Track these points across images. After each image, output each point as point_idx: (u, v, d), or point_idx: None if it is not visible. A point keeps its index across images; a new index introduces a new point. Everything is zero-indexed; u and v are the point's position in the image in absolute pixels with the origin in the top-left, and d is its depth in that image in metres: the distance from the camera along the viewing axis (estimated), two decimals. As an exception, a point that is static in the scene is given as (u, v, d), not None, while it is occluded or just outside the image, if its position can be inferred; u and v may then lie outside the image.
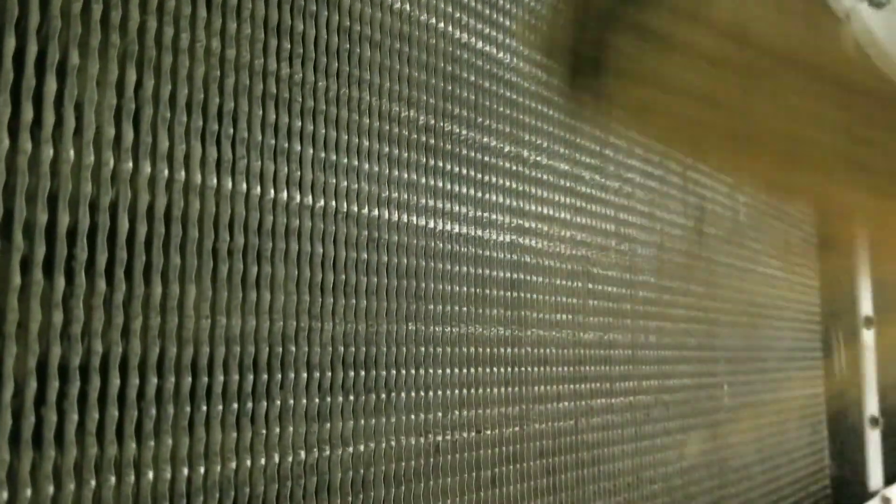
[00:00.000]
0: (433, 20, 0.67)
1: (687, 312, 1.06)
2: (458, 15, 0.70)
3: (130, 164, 0.44)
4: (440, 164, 0.66)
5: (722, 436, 1.13)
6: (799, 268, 1.50)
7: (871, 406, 1.62)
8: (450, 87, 0.68)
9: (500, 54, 0.75)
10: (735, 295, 1.21)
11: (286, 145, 0.53)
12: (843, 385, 1.60)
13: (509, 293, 0.73)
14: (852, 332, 1.59)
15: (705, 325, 1.11)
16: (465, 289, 0.68)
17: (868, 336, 1.62)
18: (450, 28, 0.69)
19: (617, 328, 0.90)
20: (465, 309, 0.67)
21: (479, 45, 0.72)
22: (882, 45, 1.85)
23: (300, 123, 0.54)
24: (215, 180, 0.48)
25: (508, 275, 0.73)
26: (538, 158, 0.79)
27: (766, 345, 1.32)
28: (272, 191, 0.52)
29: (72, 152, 0.42)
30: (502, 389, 0.71)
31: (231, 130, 0.50)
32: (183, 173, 0.47)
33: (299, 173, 0.54)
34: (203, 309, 0.47)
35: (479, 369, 0.68)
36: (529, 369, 0.75)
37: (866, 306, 1.63)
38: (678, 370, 1.03)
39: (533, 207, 0.77)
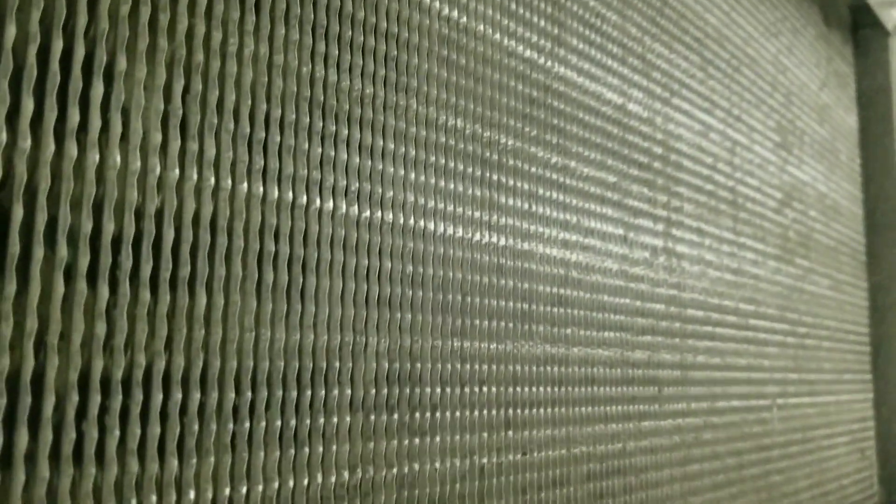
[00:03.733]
0: (481, 27, 0.65)
1: (737, 332, 1.03)
2: (506, 22, 0.68)
3: (177, 172, 0.43)
4: (486, 174, 0.64)
5: (772, 460, 1.09)
6: (847, 286, 1.45)
7: (924, 431, 1.56)
8: (497, 96, 0.66)
9: (549, 63, 0.73)
10: (784, 314, 1.17)
11: (332, 154, 0.52)
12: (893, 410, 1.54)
13: (555, 309, 0.71)
14: (904, 355, 1.54)
15: (755, 344, 1.07)
16: (510, 304, 0.65)
17: (920, 359, 1.56)
18: (497, 35, 0.67)
19: (666, 347, 0.87)
20: (510, 325, 0.65)
21: (528, 53, 0.70)
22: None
23: (347, 131, 0.53)
24: (261, 189, 0.47)
25: (555, 290, 0.71)
26: (586, 170, 0.77)
27: (816, 367, 1.27)
28: (318, 200, 0.50)
29: (118, 158, 0.40)
30: (548, 410, 0.68)
31: (278, 138, 0.48)
32: (229, 181, 0.45)
33: (345, 182, 0.52)
34: (247, 321, 0.45)
35: (525, 388, 0.66)
36: (575, 389, 0.72)
37: (918, 328, 1.57)
38: (728, 391, 0.99)
39: (580, 220, 0.75)
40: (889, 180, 1.59)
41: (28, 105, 0.37)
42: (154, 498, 0.40)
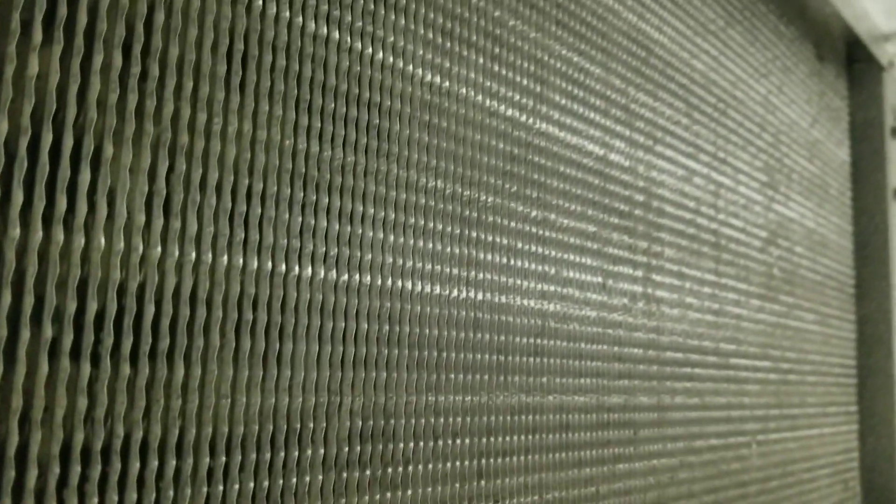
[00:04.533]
0: (463, 90, 0.68)
1: (716, 372, 1.05)
2: (488, 84, 0.71)
3: (159, 249, 0.45)
4: (465, 231, 0.67)
5: (750, 496, 1.11)
6: (834, 320, 1.47)
7: (908, 464, 1.57)
8: (478, 156, 0.69)
9: (531, 120, 0.75)
10: (767, 352, 1.20)
11: (312, 222, 0.54)
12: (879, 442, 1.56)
13: (532, 359, 0.73)
14: (888, 387, 1.56)
15: (735, 383, 1.10)
16: (486, 357, 0.68)
17: (906, 391, 1.58)
18: (479, 97, 0.70)
19: (643, 391, 0.89)
20: (485, 377, 0.68)
21: (509, 112, 0.73)
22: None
23: (327, 199, 0.55)
24: (241, 260, 0.50)
25: (531, 340, 0.73)
26: (566, 222, 0.79)
27: (798, 401, 1.29)
28: (297, 267, 0.53)
29: (102, 240, 0.43)
30: (521, 458, 0.71)
31: (259, 210, 0.51)
32: (210, 255, 0.48)
33: (324, 249, 0.55)
34: (223, 388, 0.48)
35: (499, 438, 0.68)
36: (550, 436, 0.75)
37: (905, 361, 1.59)
38: (706, 431, 1.01)
39: (558, 271, 0.77)
40: (880, 212, 1.61)
41: (18, 195, 0.40)
42: (129, 562, 0.42)
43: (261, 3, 0.52)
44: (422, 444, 0.61)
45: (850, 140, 1.63)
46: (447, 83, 0.66)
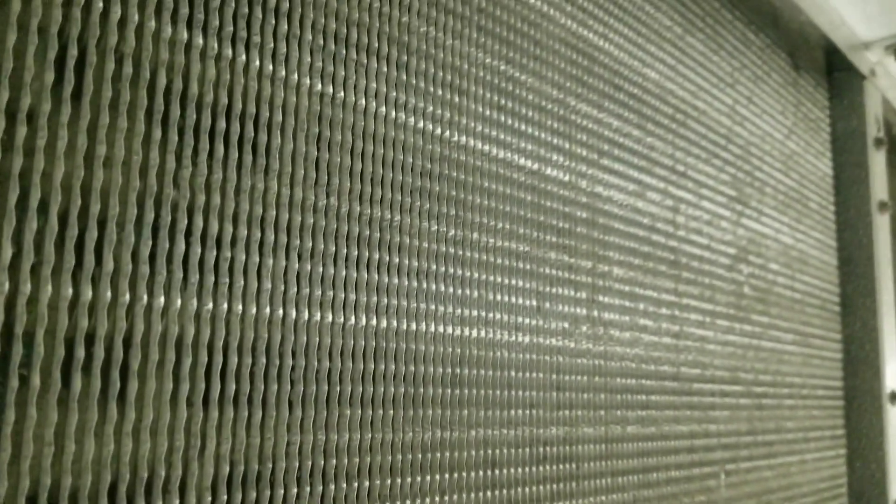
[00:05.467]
0: (362, 101, 0.63)
1: (676, 398, 0.99)
2: (393, 94, 0.66)
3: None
4: (365, 253, 0.62)
5: (718, 530, 1.04)
6: (816, 340, 1.41)
7: (900, 490, 1.50)
8: (380, 171, 0.64)
9: (448, 133, 0.70)
10: (737, 375, 1.13)
11: (168, 246, 0.49)
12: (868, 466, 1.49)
13: (449, 390, 0.67)
14: (875, 409, 1.48)
15: (699, 409, 1.03)
16: (391, 389, 0.62)
17: (894, 413, 1.51)
18: (382, 108, 0.65)
19: (588, 421, 0.83)
20: (390, 412, 0.62)
21: (420, 124, 0.68)
22: (912, 103, 1.76)
23: (186, 221, 0.50)
24: (72, 290, 0.44)
25: (449, 370, 0.68)
26: (491, 241, 0.74)
27: (775, 427, 1.23)
28: (145, 296, 0.48)
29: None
30: (436, 498, 0.65)
31: (96, 234, 0.46)
32: (47, 285, 0.43)
33: (181, 275, 0.50)
34: (47, 435, 0.42)
35: (408, 478, 0.63)
36: (472, 474, 0.69)
37: (892, 380, 1.52)
38: (665, 462, 0.95)
39: (482, 294, 0.72)
40: (864, 226, 1.55)
41: None
42: None
43: (101, 4, 0.47)
44: (308, 488, 0.55)
45: (832, 152, 1.57)
46: (342, 93, 0.61)
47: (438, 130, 0.70)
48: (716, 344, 1.09)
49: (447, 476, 0.66)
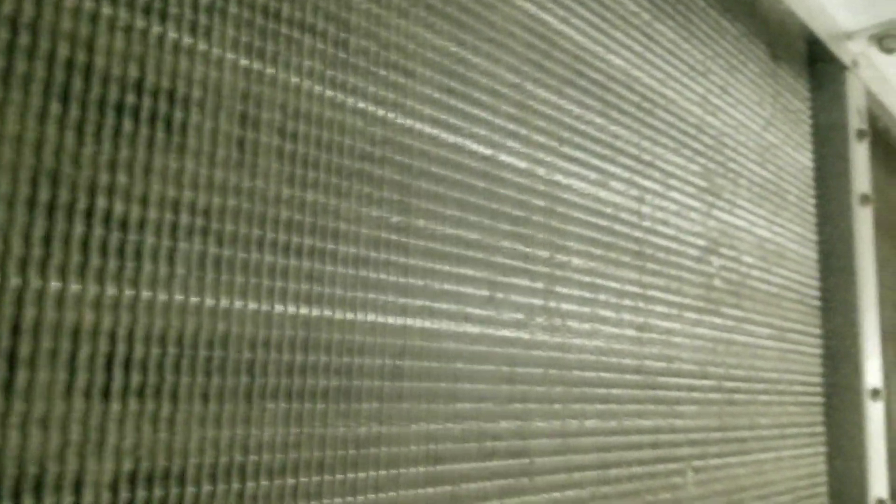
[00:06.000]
0: (294, 78, 0.60)
1: (640, 392, 0.96)
2: (331, 73, 0.63)
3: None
4: (293, 239, 0.59)
5: (685, 528, 1.02)
6: (794, 334, 1.38)
7: (879, 488, 1.47)
8: (313, 152, 0.61)
9: (391, 115, 0.67)
10: (707, 369, 1.11)
11: (64, 227, 0.46)
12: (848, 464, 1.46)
13: (388, 383, 0.65)
14: (856, 405, 1.46)
15: (665, 404, 1.01)
16: (320, 382, 0.60)
17: (875, 409, 1.48)
18: (318, 87, 0.62)
19: (542, 415, 0.80)
20: (321, 406, 0.59)
21: (360, 105, 0.65)
22: (894, 89, 1.73)
23: (87, 201, 0.47)
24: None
25: (388, 362, 0.65)
26: (438, 228, 0.71)
27: (749, 423, 1.20)
28: (38, 280, 0.45)
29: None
30: (370, 496, 0.62)
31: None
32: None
33: (80, 258, 0.47)
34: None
35: (338, 475, 0.60)
36: (414, 469, 0.66)
37: (873, 376, 1.50)
38: (626, 457, 0.92)
39: (427, 283, 0.69)
40: (845, 220, 1.52)
41: None
42: None
43: (-9, -30, 0.44)
44: (222, 486, 0.52)
45: (813, 144, 1.54)
46: (272, 70, 0.58)
47: (381, 112, 0.67)
48: (683, 337, 1.06)
49: (384, 472, 0.63)
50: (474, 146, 0.76)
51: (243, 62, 0.57)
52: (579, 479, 0.84)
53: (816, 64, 1.56)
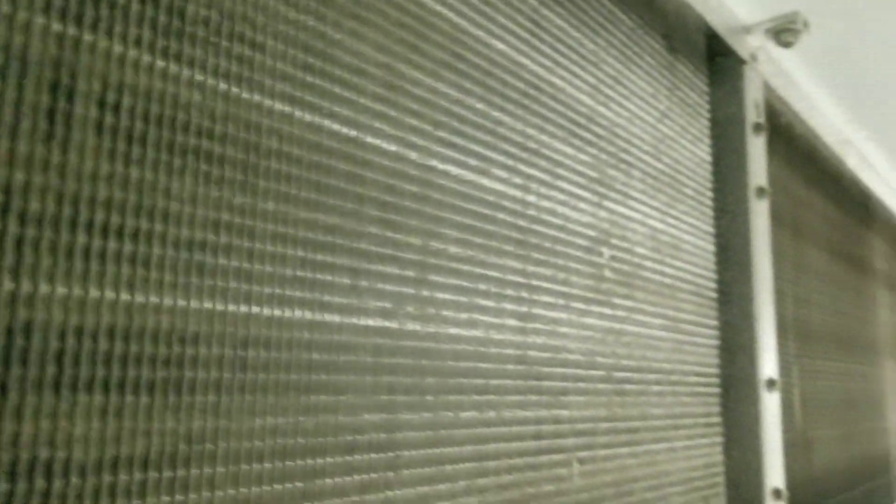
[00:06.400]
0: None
1: (522, 382, 0.94)
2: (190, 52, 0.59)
3: None
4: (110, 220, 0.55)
5: (570, 520, 1.01)
6: (689, 326, 1.39)
7: (775, 477, 1.50)
8: (154, 133, 0.57)
9: (236, 90, 0.64)
10: (595, 360, 1.10)
11: None
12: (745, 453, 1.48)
13: (229, 375, 0.61)
14: (752, 396, 1.48)
15: (548, 395, 0.99)
16: (149, 373, 0.55)
17: (771, 400, 1.51)
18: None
19: (409, 407, 0.78)
20: (144, 399, 0.55)
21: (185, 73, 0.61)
22: (795, 85, 1.77)
23: None
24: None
25: (231, 352, 0.61)
26: (292, 211, 0.67)
27: (639, 413, 1.20)
28: None
29: None
30: (205, 493, 0.58)
31: None
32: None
33: None
34: None
35: (168, 472, 0.56)
36: (258, 466, 0.62)
37: (769, 367, 1.52)
38: (506, 449, 0.90)
39: (277, 270, 0.66)
40: (741, 213, 1.54)
41: None
42: None
43: None
44: (23, 484, 0.48)
45: (711, 137, 1.56)
46: (90, 37, 0.54)
47: (224, 86, 0.63)
48: (570, 327, 1.05)
49: (221, 468, 0.60)
50: (335, 126, 0.73)
51: (55, 27, 0.52)
52: (452, 472, 0.82)
53: (715, 58, 1.58)
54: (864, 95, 1.97)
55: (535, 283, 0.99)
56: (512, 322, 0.94)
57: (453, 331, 0.84)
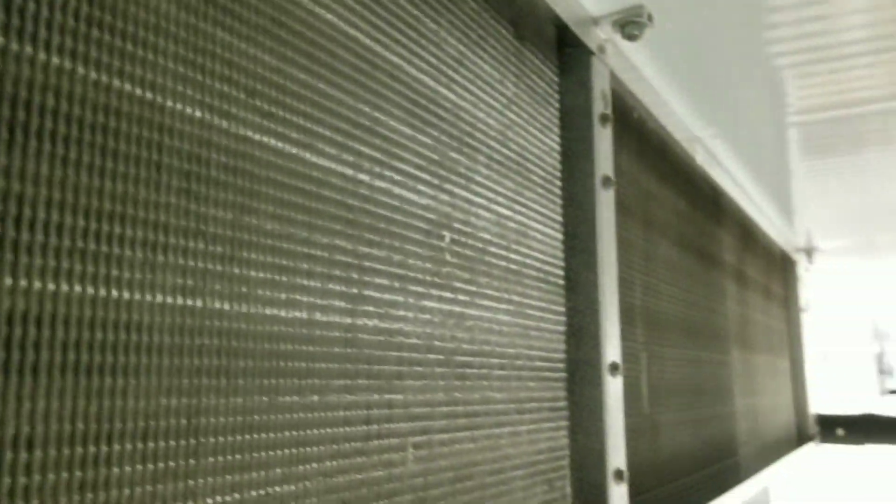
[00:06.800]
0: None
1: (350, 366, 0.91)
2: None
3: None
4: None
5: (403, 507, 0.98)
6: (535, 311, 1.40)
7: (617, 459, 1.54)
8: None
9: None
10: (433, 343, 1.08)
11: None
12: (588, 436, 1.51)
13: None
14: (596, 380, 1.51)
15: (379, 379, 0.97)
16: None
17: (613, 384, 1.54)
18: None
19: (218, 391, 0.73)
20: None
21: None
22: (644, 79, 1.82)
23: None
24: None
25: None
26: (94, 182, 0.61)
27: (481, 398, 1.19)
28: None
29: None
30: (-49, 486, 0.52)
31: None
32: None
33: None
34: None
35: None
36: (33, 454, 0.56)
37: (612, 352, 1.56)
38: (329, 434, 0.87)
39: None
40: (588, 202, 1.57)
41: None
42: None
43: None
44: None
45: (560, 127, 1.58)
46: None
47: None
48: (406, 310, 1.03)
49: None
50: (127, 87, 0.67)
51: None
52: (266, 459, 0.78)
53: (564, 48, 1.60)
54: (710, 92, 2.06)
55: (367, 264, 0.96)
56: (340, 304, 0.90)
57: (269, 311, 0.80)
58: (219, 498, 0.72)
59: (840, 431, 4.02)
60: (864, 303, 6.84)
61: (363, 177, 0.97)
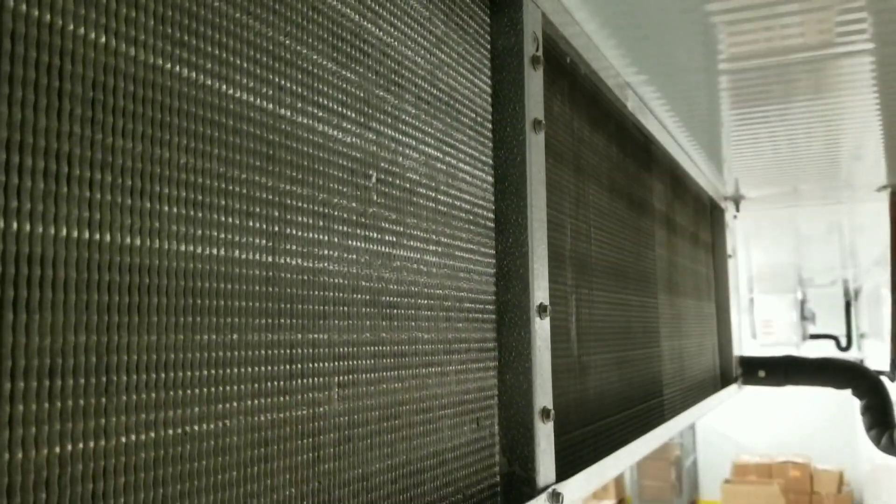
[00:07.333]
0: None
1: (271, 304, 0.90)
2: None
3: None
4: None
5: (331, 444, 0.99)
6: (465, 253, 1.40)
7: (544, 398, 1.57)
8: None
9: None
10: (359, 283, 1.07)
11: None
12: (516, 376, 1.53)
13: None
14: (525, 321, 1.53)
15: (305, 318, 0.96)
16: None
17: (541, 325, 1.56)
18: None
19: (131, 328, 0.71)
20: None
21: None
22: (576, 23, 1.81)
23: None
24: None
25: None
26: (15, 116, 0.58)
27: (408, 338, 1.20)
28: None
29: None
30: None
31: None
32: None
33: None
34: None
35: None
36: (-87, 390, 0.54)
37: (541, 294, 1.57)
38: (249, 374, 0.86)
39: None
40: (518, 145, 1.57)
41: None
42: None
43: None
44: None
45: (492, 70, 1.57)
46: None
47: None
48: (330, 249, 1.01)
49: None
50: (22, 7, 0.63)
51: None
52: (183, 398, 0.77)
53: (497, -11, 1.58)
54: (642, 38, 2.06)
55: (288, 202, 0.94)
56: (260, 241, 0.89)
57: (183, 247, 0.78)
58: (133, 437, 0.71)
59: (761, 373, 4.19)
60: (787, 251, 7.09)
61: (284, 111, 0.94)
